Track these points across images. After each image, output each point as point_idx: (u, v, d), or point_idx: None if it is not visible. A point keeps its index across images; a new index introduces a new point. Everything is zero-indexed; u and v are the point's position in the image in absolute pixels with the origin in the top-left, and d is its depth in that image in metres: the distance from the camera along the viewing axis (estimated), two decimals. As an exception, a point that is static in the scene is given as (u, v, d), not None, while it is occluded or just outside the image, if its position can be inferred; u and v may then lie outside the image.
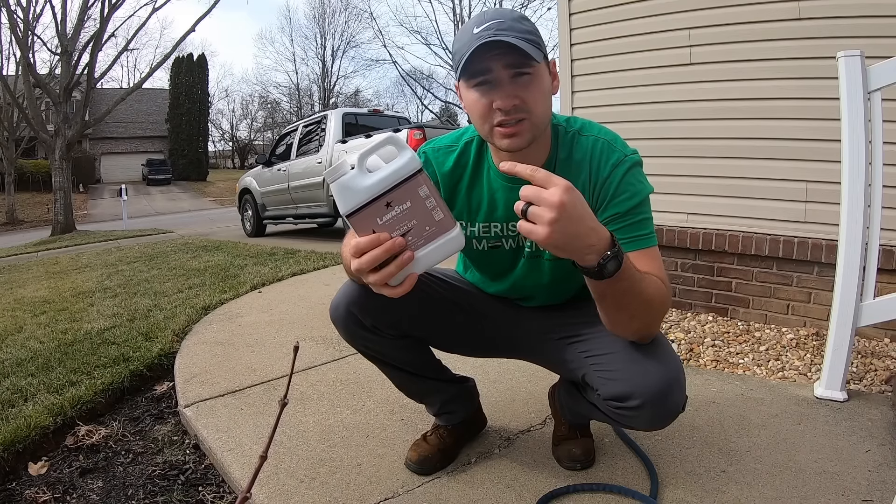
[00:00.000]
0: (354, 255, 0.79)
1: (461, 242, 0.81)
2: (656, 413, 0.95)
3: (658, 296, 0.91)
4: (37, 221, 20.80)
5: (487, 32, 0.90)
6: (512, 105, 0.93)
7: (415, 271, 0.80)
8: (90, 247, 8.43)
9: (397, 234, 0.78)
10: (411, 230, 0.79)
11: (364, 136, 5.73)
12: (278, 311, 2.89)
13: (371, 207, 0.78)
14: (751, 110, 2.25)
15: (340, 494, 1.22)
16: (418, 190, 0.78)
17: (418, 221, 0.79)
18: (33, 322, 3.15)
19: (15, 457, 1.56)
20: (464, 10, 22.96)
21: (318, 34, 39.26)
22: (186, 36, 14.57)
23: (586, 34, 2.68)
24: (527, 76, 0.92)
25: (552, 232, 0.73)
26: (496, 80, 0.93)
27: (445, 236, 0.79)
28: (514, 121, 0.94)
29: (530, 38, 0.91)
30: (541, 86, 0.95)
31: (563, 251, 0.77)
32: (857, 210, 1.53)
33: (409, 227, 0.79)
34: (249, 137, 43.06)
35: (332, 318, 1.14)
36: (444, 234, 0.79)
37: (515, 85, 0.92)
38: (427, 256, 0.79)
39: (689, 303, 2.51)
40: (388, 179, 0.78)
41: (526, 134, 0.96)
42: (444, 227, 0.79)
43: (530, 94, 0.93)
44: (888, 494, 1.11)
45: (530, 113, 0.94)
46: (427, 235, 0.79)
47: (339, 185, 0.78)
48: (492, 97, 0.94)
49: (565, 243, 0.76)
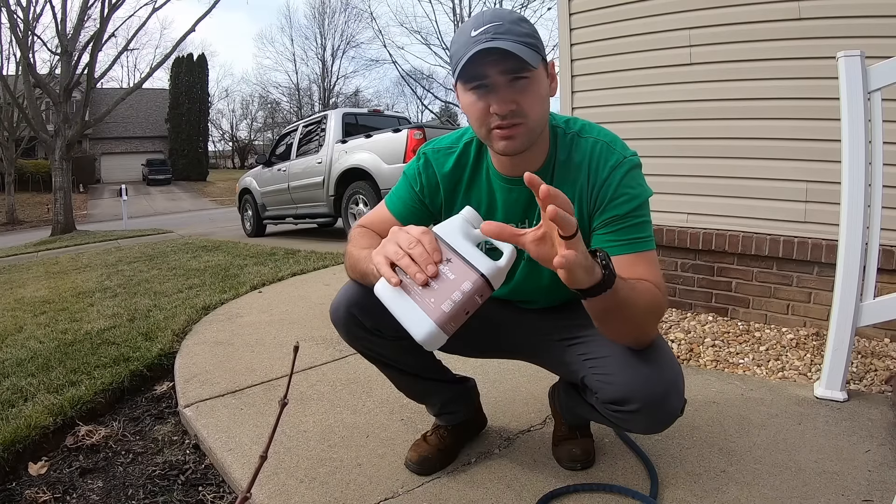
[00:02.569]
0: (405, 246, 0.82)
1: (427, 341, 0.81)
2: (654, 417, 0.95)
3: (651, 303, 0.91)
4: (37, 221, 20.81)
5: (485, 36, 0.90)
6: (508, 110, 0.93)
7: (391, 309, 0.82)
8: (90, 247, 8.43)
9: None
10: (438, 289, 0.81)
11: (364, 137, 5.72)
12: (278, 311, 2.89)
13: (442, 244, 0.84)
14: (751, 110, 2.25)
15: (340, 494, 1.22)
16: (470, 283, 0.81)
17: (457, 277, 0.82)
18: (33, 322, 3.16)
19: (15, 457, 1.56)
20: (464, 10, 22.96)
21: (318, 34, 39.27)
22: (186, 36, 14.59)
23: (586, 34, 2.68)
24: (524, 80, 0.92)
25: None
26: (493, 84, 0.93)
27: (421, 325, 0.80)
28: (510, 125, 0.94)
29: (528, 41, 0.91)
30: (537, 90, 0.94)
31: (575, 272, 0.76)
32: (857, 210, 1.53)
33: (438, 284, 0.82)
34: (249, 137, 43.09)
35: (333, 320, 1.14)
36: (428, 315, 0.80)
37: (512, 89, 0.93)
38: (405, 309, 0.81)
39: (689, 303, 2.51)
40: (467, 252, 0.84)
41: (522, 138, 0.96)
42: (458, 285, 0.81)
43: (526, 98, 0.93)
44: (888, 494, 1.11)
45: (526, 117, 0.94)
46: (437, 295, 0.81)
47: (440, 226, 0.87)
48: (488, 101, 0.94)
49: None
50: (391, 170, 5.16)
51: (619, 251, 0.98)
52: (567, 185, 1.04)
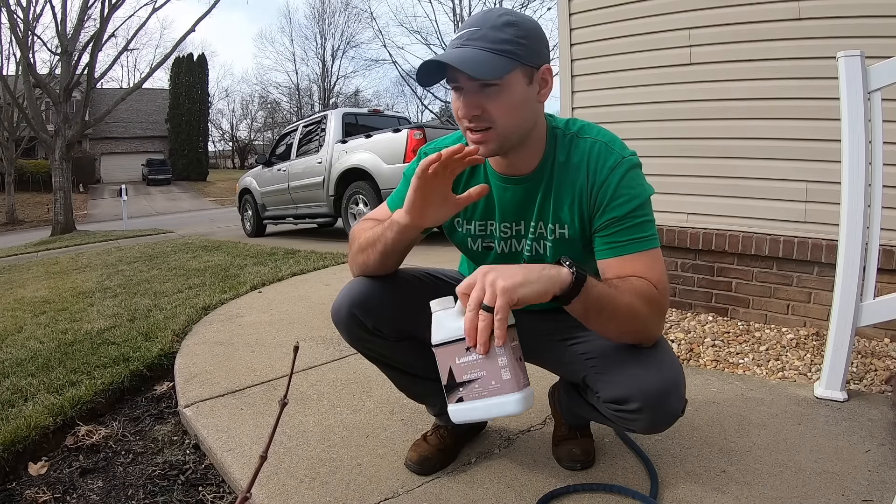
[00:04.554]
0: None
1: (515, 410, 0.83)
2: (655, 417, 0.95)
3: (639, 299, 0.91)
4: (37, 221, 20.81)
5: (457, 41, 0.92)
6: (472, 114, 0.94)
7: (453, 419, 0.86)
8: (90, 247, 8.43)
9: (466, 378, 0.84)
10: (479, 379, 0.83)
11: (364, 137, 5.72)
12: (278, 311, 2.89)
13: (453, 346, 0.84)
14: (751, 110, 2.25)
15: (340, 494, 1.22)
16: (496, 347, 0.80)
17: (487, 374, 0.82)
18: (33, 322, 3.16)
19: (15, 457, 1.56)
20: (464, 10, 22.97)
21: (318, 34, 39.37)
22: (186, 36, 14.61)
23: (586, 34, 2.68)
24: (493, 87, 0.92)
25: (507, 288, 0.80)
26: (463, 88, 0.94)
27: (502, 398, 0.82)
28: (481, 128, 0.95)
29: (501, 48, 0.90)
30: (508, 97, 0.93)
31: (534, 285, 0.82)
32: (857, 210, 1.53)
33: (479, 375, 0.83)
34: (249, 137, 43.09)
35: (334, 320, 1.14)
36: (503, 394, 0.82)
37: (480, 95, 0.93)
38: (474, 410, 0.84)
39: (689, 303, 2.51)
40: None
41: (491, 144, 0.96)
42: (507, 388, 0.82)
43: (494, 105, 0.93)
44: (888, 494, 1.11)
45: (494, 123, 0.94)
46: (490, 389, 0.82)
47: (437, 317, 0.87)
48: (459, 103, 0.95)
49: (527, 280, 0.82)
50: (391, 170, 5.15)
51: (618, 252, 0.98)
52: (566, 186, 1.04)
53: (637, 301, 0.91)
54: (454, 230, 1.17)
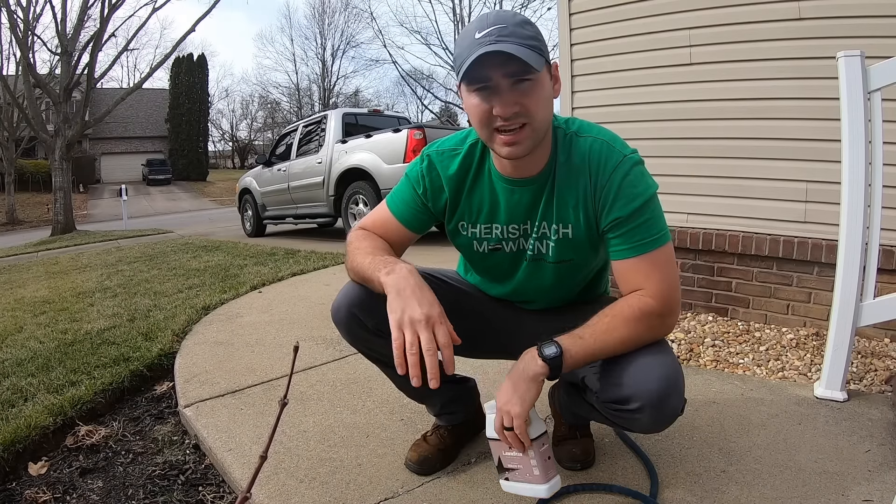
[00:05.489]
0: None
1: (544, 496, 1.03)
2: (655, 416, 0.96)
3: (637, 327, 0.96)
4: (37, 221, 20.81)
5: (489, 38, 0.89)
6: (512, 112, 0.93)
7: (504, 489, 1.07)
8: (90, 247, 8.43)
9: (509, 466, 1.04)
10: (518, 469, 1.03)
11: (364, 137, 5.72)
12: (278, 311, 2.89)
13: (500, 442, 1.02)
14: (751, 110, 2.25)
15: (340, 494, 1.22)
16: (528, 450, 0.99)
17: (523, 467, 1.02)
18: (33, 322, 3.16)
19: (15, 457, 1.56)
20: (464, 11, 22.97)
21: (318, 34, 39.26)
22: (186, 36, 14.58)
23: (586, 34, 2.68)
24: (527, 83, 0.92)
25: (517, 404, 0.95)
26: (496, 86, 0.93)
27: (535, 486, 1.02)
28: (516, 126, 0.94)
29: (532, 44, 0.91)
30: (541, 92, 0.94)
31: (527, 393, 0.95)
32: (857, 210, 1.53)
33: (517, 467, 1.03)
34: (249, 137, 43.09)
35: (335, 320, 1.14)
36: (535, 483, 1.02)
37: (515, 91, 0.92)
38: (515, 488, 1.06)
39: (690, 303, 2.51)
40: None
41: (526, 141, 0.96)
42: (537, 480, 1.02)
43: (531, 100, 0.93)
44: (888, 494, 1.11)
45: (531, 118, 0.94)
46: (526, 478, 1.03)
47: (489, 418, 1.02)
48: (491, 103, 0.94)
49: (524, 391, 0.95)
50: (391, 170, 5.16)
51: (626, 255, 1.00)
52: (569, 187, 1.04)
53: (629, 330, 0.95)
54: (458, 234, 1.17)
